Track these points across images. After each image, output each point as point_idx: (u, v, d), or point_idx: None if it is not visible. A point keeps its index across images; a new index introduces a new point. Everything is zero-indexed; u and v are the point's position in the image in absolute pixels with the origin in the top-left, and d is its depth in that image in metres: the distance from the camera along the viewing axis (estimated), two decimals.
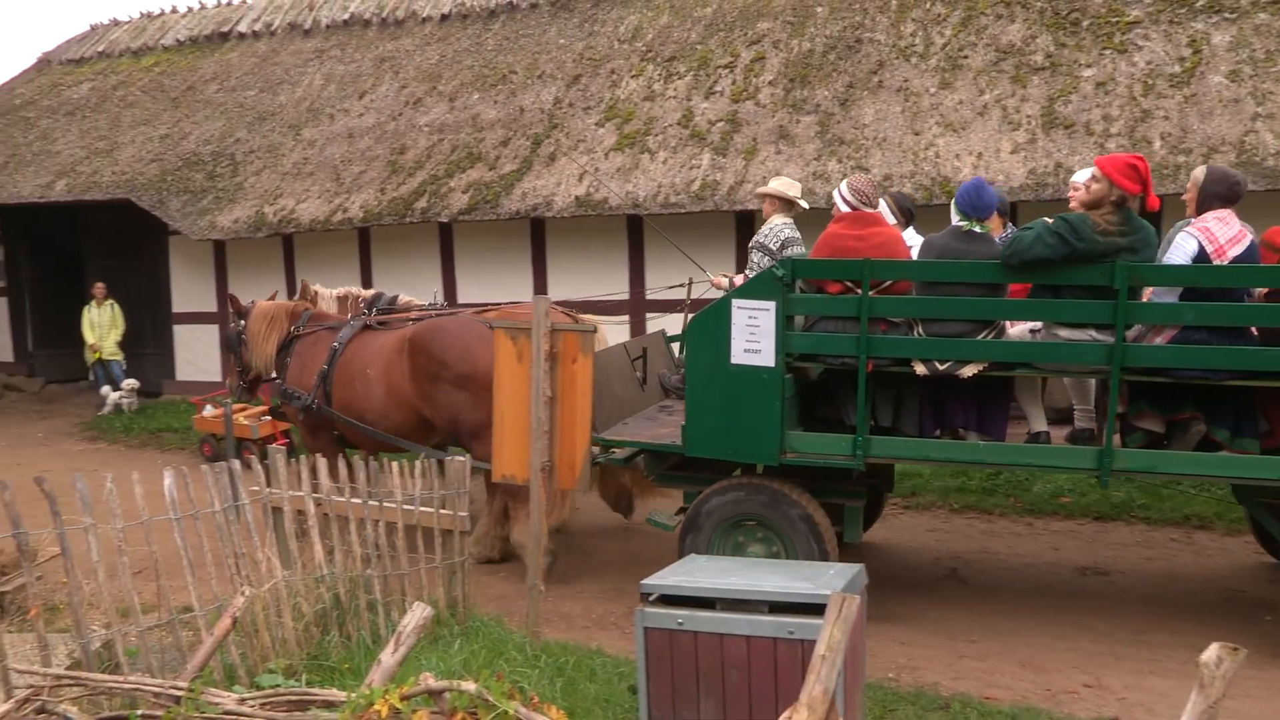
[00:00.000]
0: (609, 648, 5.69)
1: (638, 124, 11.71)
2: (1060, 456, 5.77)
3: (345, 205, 12.36)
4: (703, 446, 6.12)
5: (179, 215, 13.43)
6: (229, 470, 5.05)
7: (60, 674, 3.84)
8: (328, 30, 16.45)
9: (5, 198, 15.31)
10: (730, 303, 5.94)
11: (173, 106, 16.20)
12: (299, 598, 5.18)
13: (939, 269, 5.80)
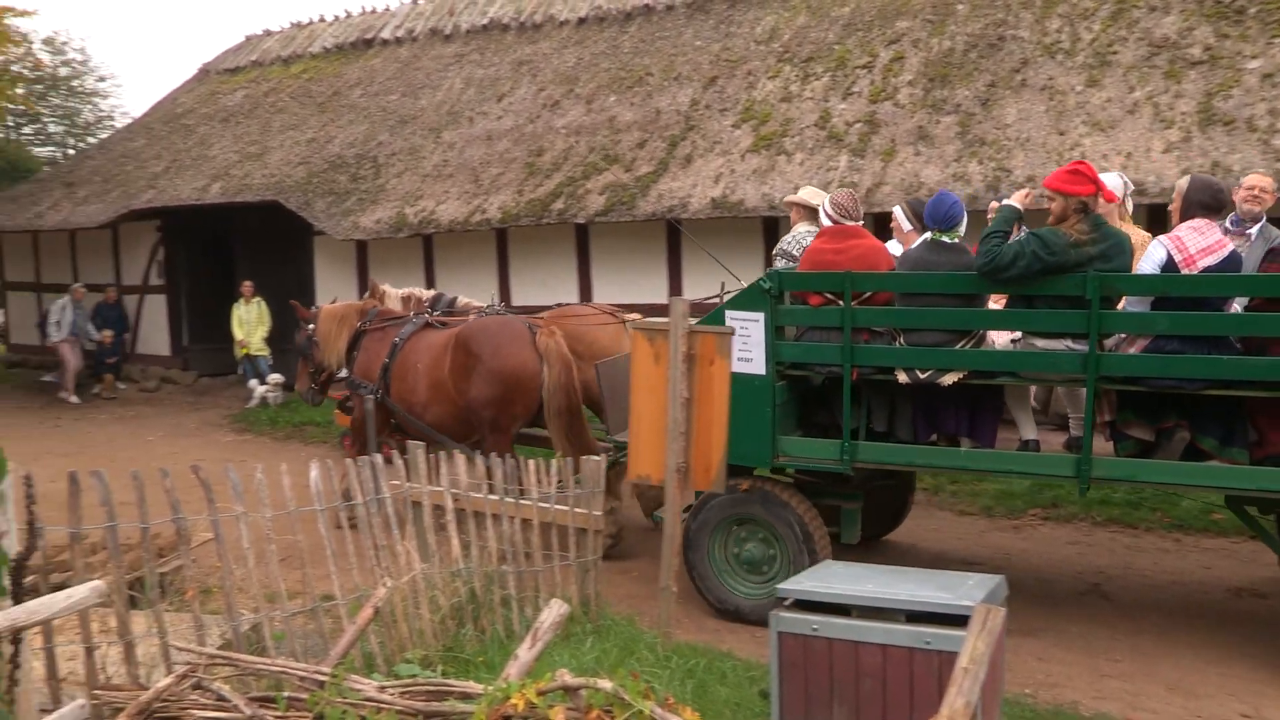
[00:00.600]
0: (739, 651, 5.66)
1: (774, 125, 11.63)
2: (1039, 464, 5.86)
3: (484, 206, 12.59)
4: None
5: (324, 216, 13.88)
6: (371, 464, 5.19)
7: (214, 653, 3.99)
8: (467, 35, 16.81)
9: (166, 200, 16.07)
10: (724, 313, 6.20)
11: (319, 111, 16.77)
12: (436, 590, 5.28)
13: (913, 280, 5.95)
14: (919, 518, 8.63)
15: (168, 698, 3.55)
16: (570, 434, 7.62)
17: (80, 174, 18.85)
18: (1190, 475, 5.49)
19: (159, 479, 4.42)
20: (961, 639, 3.25)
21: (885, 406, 6.17)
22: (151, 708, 3.50)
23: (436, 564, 5.37)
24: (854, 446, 6.02)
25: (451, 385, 7.81)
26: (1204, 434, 5.47)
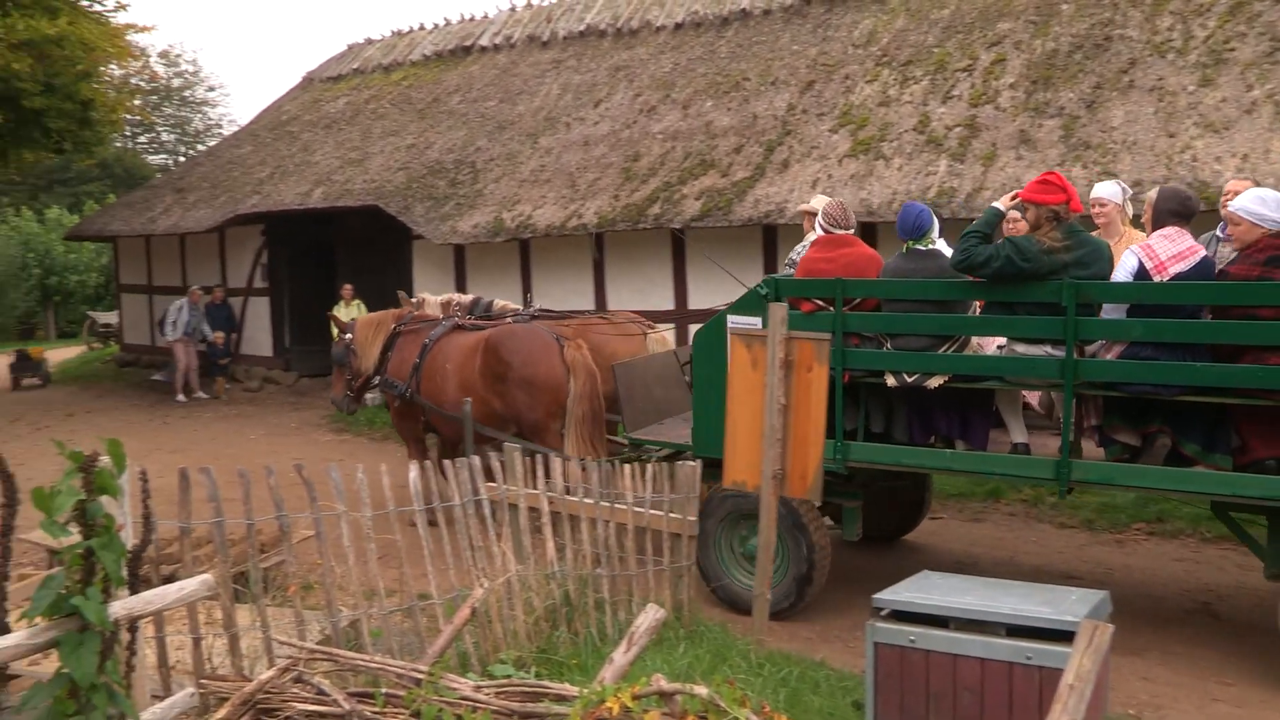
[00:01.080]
0: (833, 661, 5.60)
1: (872, 130, 11.51)
2: (1020, 466, 5.99)
3: (580, 211, 12.67)
4: (707, 447, 6.60)
5: (423, 221, 14.11)
6: (469, 466, 5.25)
7: (314, 648, 4.07)
8: (564, 41, 16.96)
9: (270, 205, 16.50)
10: (726, 319, 6.56)
11: (419, 117, 17.07)
12: (531, 592, 5.32)
13: (896, 286, 6.18)
14: (1018, 530, 8.46)
15: (270, 690, 3.62)
16: (590, 438, 8.11)
17: (190, 180, 19.46)
18: (1167, 480, 5.58)
19: (263, 476, 4.53)
20: (1064, 655, 3.18)
21: (882, 409, 6.39)
22: (254, 699, 3.58)
23: (531, 566, 5.41)
24: (846, 446, 6.30)
25: (481, 386, 8.30)
26: (1187, 439, 5.55)
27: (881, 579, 5.16)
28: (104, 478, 2.64)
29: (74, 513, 2.61)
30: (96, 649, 2.67)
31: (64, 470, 2.68)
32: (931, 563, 6.24)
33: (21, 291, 34.23)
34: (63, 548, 2.66)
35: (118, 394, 18.59)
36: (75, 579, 2.64)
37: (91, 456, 2.62)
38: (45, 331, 34.34)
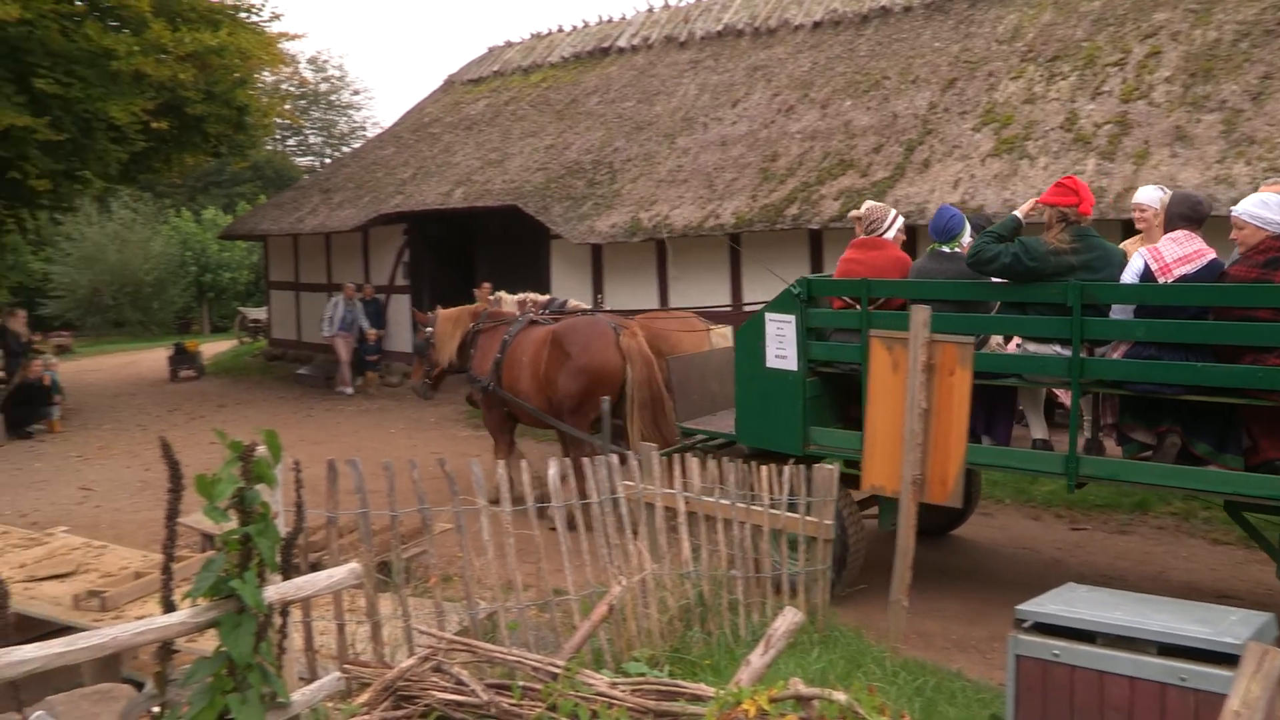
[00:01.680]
0: (969, 672, 5.48)
1: (1017, 128, 11.22)
2: (1031, 460, 6.18)
3: (717, 211, 12.67)
4: (749, 437, 7.16)
5: (560, 220, 14.30)
6: (607, 464, 5.30)
7: (454, 639, 4.15)
8: (702, 42, 16.97)
9: (412, 205, 16.94)
10: (765, 316, 6.94)
11: (557, 119, 17.30)
12: (665, 591, 5.34)
13: (914, 287, 6.45)
14: (1167, 544, 8.13)
15: (410, 677, 3.71)
16: (655, 424, 8.48)
17: (336, 181, 20.12)
18: (1174, 478, 5.69)
19: (406, 469, 4.66)
20: (1224, 679, 3.04)
21: None
22: (395, 685, 3.67)
23: (666, 565, 5.44)
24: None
25: (549, 376, 8.81)
26: (1198, 439, 5.69)
27: (1021, 589, 5.03)
28: (261, 467, 2.76)
29: (233, 499, 2.73)
30: (252, 630, 2.79)
31: (224, 459, 2.80)
32: (1075, 575, 6.06)
33: (180, 288, 35.94)
34: (222, 533, 2.78)
35: (265, 387, 19.34)
36: (233, 563, 2.76)
37: (250, 446, 2.74)
38: (200, 326, 35.96)
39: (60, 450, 14.03)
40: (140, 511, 10.25)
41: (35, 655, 2.48)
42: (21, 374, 15.74)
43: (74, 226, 33.75)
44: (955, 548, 8.14)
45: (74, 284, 34.13)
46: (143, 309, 35.23)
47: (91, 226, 34.45)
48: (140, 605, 5.53)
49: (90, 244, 34.06)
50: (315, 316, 19.63)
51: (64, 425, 15.72)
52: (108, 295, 34.26)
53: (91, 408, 17.80)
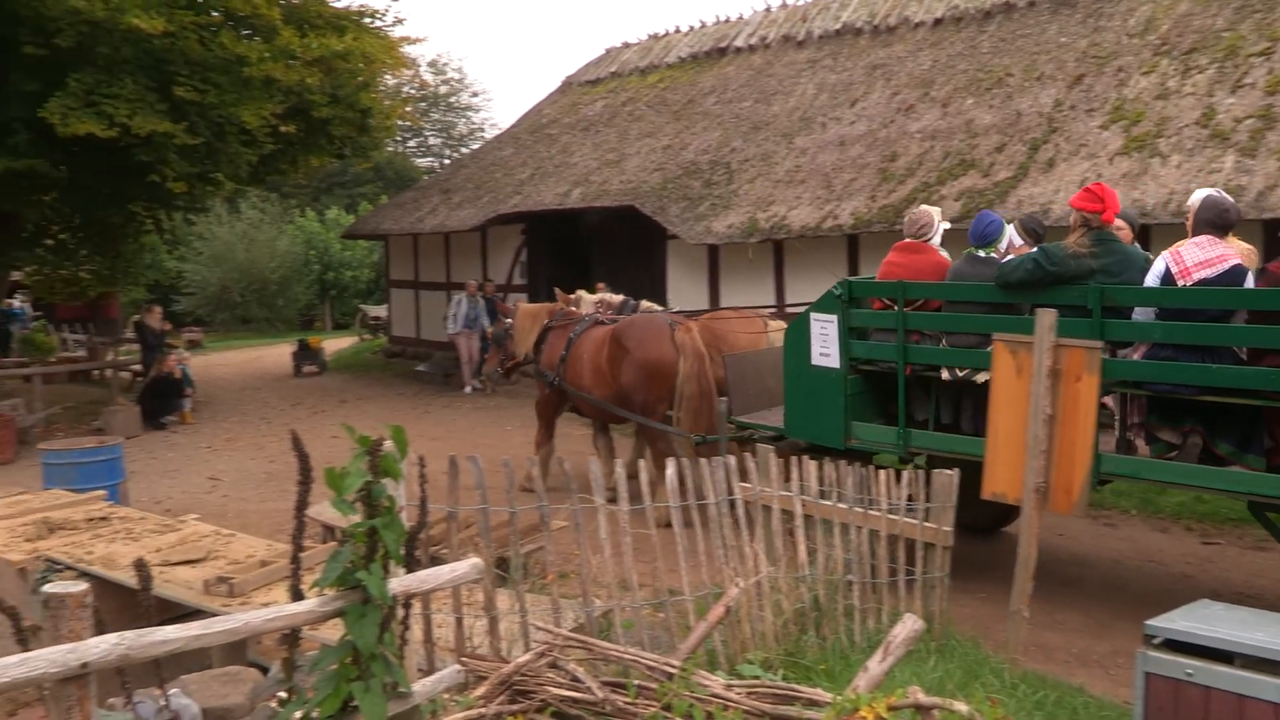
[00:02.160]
0: (1093, 687, 5.32)
1: (1148, 125, 10.85)
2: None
3: (835, 212, 12.54)
4: (797, 431, 7.53)
5: (677, 221, 14.32)
6: (724, 466, 5.29)
7: (570, 635, 4.19)
8: (820, 41, 16.83)
9: (530, 205, 17.16)
10: (809, 315, 7.29)
11: (674, 119, 17.33)
12: (780, 595, 5.30)
13: (943, 289, 6.78)
14: None
15: (526, 672, 3.75)
16: (699, 416, 8.67)
17: (455, 182, 20.48)
18: (1195, 477, 5.81)
19: (524, 467, 4.72)
20: None
21: (952, 402, 6.93)
22: (511, 680, 3.72)
23: (782, 568, 5.40)
24: (908, 433, 6.90)
25: (608, 371, 9.29)
26: (1221, 439, 5.77)
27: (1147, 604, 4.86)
28: (388, 462, 2.82)
29: (360, 493, 2.80)
30: (377, 621, 2.85)
31: (351, 453, 2.87)
32: (1206, 591, 5.84)
33: (303, 285, 37.03)
34: (349, 525, 2.86)
35: (385, 383, 19.80)
36: (360, 555, 2.83)
37: (378, 441, 2.80)
38: (323, 323, 36.99)
39: (191, 441, 14.59)
40: (265, 502, 10.59)
41: (176, 636, 2.58)
42: (157, 368, 16.42)
43: (205, 226, 35.07)
44: (1077, 559, 7.92)
45: (205, 281, 35.46)
46: (268, 306, 36.41)
47: (222, 226, 35.73)
48: (265, 592, 5.70)
49: (220, 243, 35.33)
50: (434, 314, 20.02)
51: (194, 417, 16.34)
52: (236, 292, 35.49)
53: (220, 401, 18.46)
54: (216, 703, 4.19)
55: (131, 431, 14.53)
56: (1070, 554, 7.98)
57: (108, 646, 2.46)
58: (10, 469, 12.65)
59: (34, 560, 6.32)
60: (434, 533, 6.05)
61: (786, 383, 7.62)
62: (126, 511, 7.80)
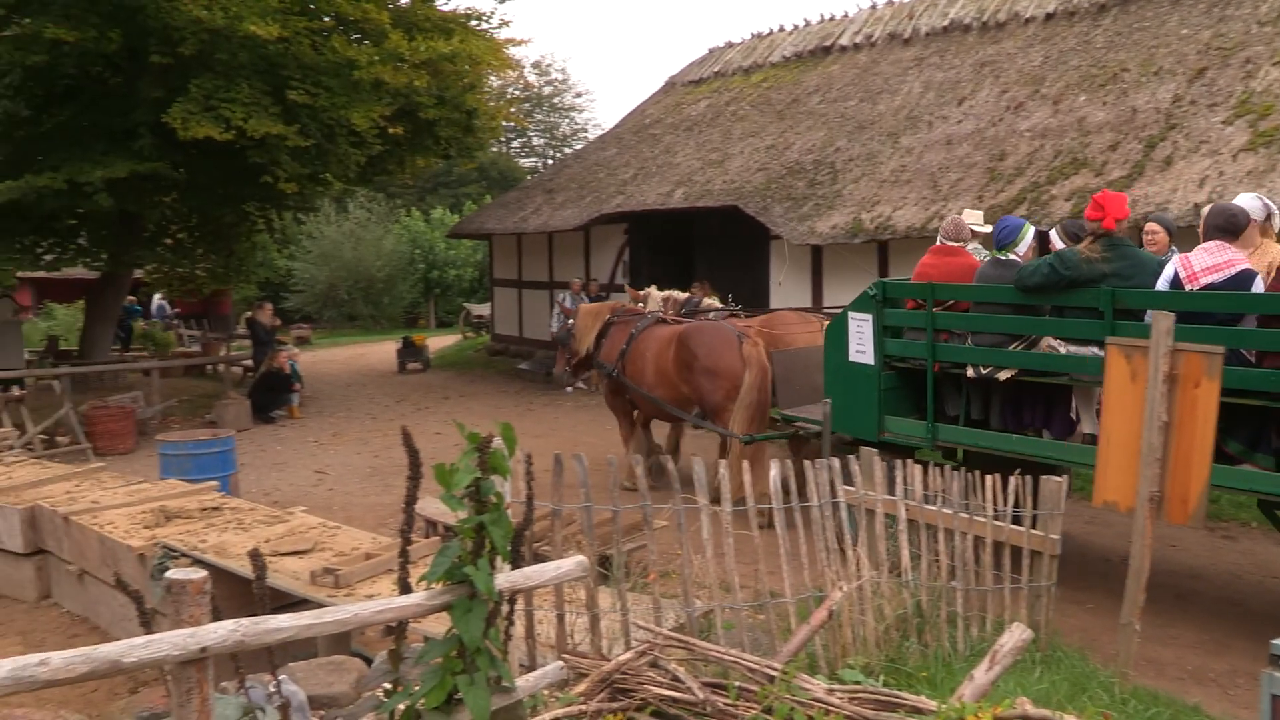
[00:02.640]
0: (1209, 707, 5.15)
1: (1277, 119, 10.44)
2: (1068, 452, 6.64)
3: (942, 213, 12.33)
4: (836, 425, 7.89)
5: (780, 221, 14.25)
6: (829, 468, 5.25)
7: (671, 635, 4.19)
8: (927, 38, 16.58)
9: (633, 205, 17.23)
10: (848, 314, 7.72)
11: (778, 119, 17.24)
12: (882, 599, 5.24)
13: (966, 290, 7.13)
14: None
15: (627, 671, 3.77)
16: (753, 420, 9.16)
17: (558, 181, 20.67)
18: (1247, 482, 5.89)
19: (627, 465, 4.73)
20: None
21: (981, 398, 7.27)
22: (612, 678, 3.74)
23: (884, 573, 5.34)
24: (935, 427, 7.26)
25: (672, 373, 9.70)
26: (1231, 438, 5.88)
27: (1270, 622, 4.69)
28: (497, 458, 2.86)
29: (469, 489, 2.85)
30: (483, 616, 2.90)
31: (458, 449, 2.92)
32: None
33: (408, 284, 37.73)
34: (458, 521, 2.90)
35: (487, 380, 20.07)
36: (467, 550, 2.88)
37: (487, 438, 2.84)
38: (427, 320, 37.62)
39: (299, 435, 14.98)
40: (369, 496, 10.82)
41: (289, 625, 2.66)
42: (268, 363, 16.89)
43: (314, 226, 35.96)
44: (1193, 571, 7.67)
45: (313, 279, 36.34)
46: (374, 303, 37.17)
47: (330, 225, 36.60)
48: (369, 584, 5.83)
49: (328, 242, 36.18)
50: (537, 313, 20.23)
51: (302, 412, 16.78)
52: (343, 290, 36.31)
53: (326, 396, 18.92)
54: (322, 690, 4.30)
55: (242, 425, 14.99)
56: (1185, 567, 7.74)
57: (225, 632, 2.55)
58: (130, 459, 13.15)
59: (152, 547, 6.56)
60: (535, 529, 6.12)
61: (827, 378, 8.11)
62: (237, 502, 8.06)
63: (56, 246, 18.18)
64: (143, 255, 18.06)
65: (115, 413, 13.95)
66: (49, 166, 13.94)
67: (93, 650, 2.41)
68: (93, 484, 8.71)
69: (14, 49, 13.53)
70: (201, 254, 19.53)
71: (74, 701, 5.66)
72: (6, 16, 13.66)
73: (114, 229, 17.33)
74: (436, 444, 12.23)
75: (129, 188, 14.72)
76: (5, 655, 6.59)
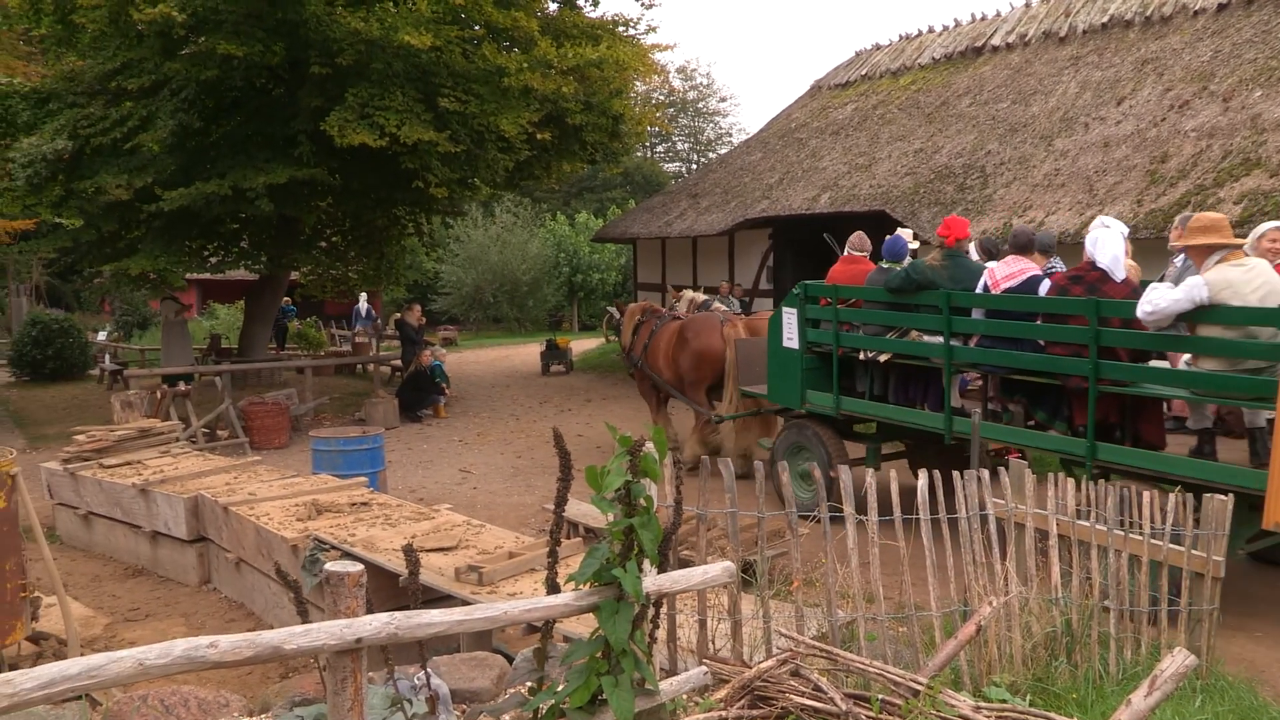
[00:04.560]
0: None
1: None
2: (925, 419, 8.30)
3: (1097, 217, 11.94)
4: (774, 397, 9.91)
5: (929, 227, 13.97)
6: (977, 478, 5.13)
7: (814, 644, 4.16)
8: (1084, 36, 16.05)
9: (778, 210, 17.16)
10: (782, 309, 9.52)
11: (926, 122, 16.93)
12: (1031, 616, 5.10)
13: (853, 291, 8.87)
14: None
15: (768, 678, 3.75)
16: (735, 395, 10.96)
17: (703, 186, 20.71)
18: (1019, 438, 7.64)
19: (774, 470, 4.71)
20: None
21: (882, 377, 8.93)
22: (752, 685, 3.73)
23: (1034, 589, 5.19)
24: (839, 399, 8.98)
25: (674, 358, 11.76)
26: (1038, 409, 7.56)
27: None
28: (648, 462, 2.90)
29: (619, 492, 2.89)
30: (630, 618, 2.94)
31: (608, 451, 2.96)
32: None
33: (553, 287, 38.34)
34: (608, 522, 2.95)
35: (629, 384, 20.16)
36: (615, 552, 2.92)
37: (639, 442, 2.88)
38: (570, 324, 38.15)
39: (444, 434, 15.36)
40: (511, 495, 11.02)
41: (441, 620, 2.74)
42: (415, 363, 17.38)
43: (462, 229, 36.86)
44: None
45: (460, 282, 37.23)
46: (519, 306, 37.87)
47: (477, 229, 37.44)
48: (512, 583, 5.95)
49: (475, 245, 37.02)
50: None
51: (448, 411, 17.20)
52: (489, 293, 37.09)
53: (471, 396, 19.35)
54: (464, 685, 4.40)
55: (390, 423, 15.45)
56: None
57: (379, 624, 2.64)
58: (284, 453, 13.70)
59: (304, 539, 6.83)
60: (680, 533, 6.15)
61: (769, 361, 9.85)
62: (385, 498, 8.31)
63: (221, 249, 19.13)
64: (299, 257, 18.78)
65: (271, 409, 14.55)
66: (216, 174, 14.68)
67: (256, 636, 2.52)
68: (250, 476, 9.11)
69: (190, 65, 14.30)
70: (354, 256, 20.21)
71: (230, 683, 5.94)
72: (185, 37, 14.43)
73: (273, 233, 18.10)
74: (579, 446, 12.41)
75: (288, 193, 15.37)
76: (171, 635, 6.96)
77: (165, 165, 14.97)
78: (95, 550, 9.30)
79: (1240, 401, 6.17)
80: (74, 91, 15.47)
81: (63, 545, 9.47)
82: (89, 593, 8.03)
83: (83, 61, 16.27)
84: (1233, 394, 6.15)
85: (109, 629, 7.04)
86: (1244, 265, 6.23)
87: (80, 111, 14.83)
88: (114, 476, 9.11)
